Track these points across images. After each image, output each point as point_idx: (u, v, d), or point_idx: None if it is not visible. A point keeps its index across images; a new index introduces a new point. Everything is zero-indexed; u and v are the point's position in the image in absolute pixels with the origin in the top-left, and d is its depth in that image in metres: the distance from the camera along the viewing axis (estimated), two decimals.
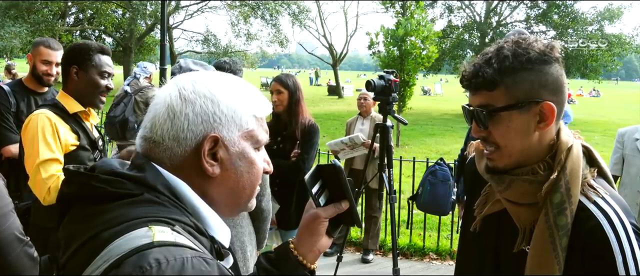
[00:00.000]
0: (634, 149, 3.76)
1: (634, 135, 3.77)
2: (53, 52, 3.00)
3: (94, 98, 2.29)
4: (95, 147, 2.34)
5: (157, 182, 0.82)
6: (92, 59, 2.25)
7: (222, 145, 0.87)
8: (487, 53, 1.18)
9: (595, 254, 1.09)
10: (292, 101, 3.22)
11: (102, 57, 2.28)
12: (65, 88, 2.29)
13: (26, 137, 2.14)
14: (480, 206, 1.32)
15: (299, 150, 3.16)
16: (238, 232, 2.29)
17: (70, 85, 2.27)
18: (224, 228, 0.90)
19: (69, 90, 2.27)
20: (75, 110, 2.26)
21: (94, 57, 2.25)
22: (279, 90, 3.24)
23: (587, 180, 1.17)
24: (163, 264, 0.67)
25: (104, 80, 2.28)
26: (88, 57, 2.24)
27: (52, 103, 2.25)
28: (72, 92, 2.27)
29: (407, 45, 11.32)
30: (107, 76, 2.29)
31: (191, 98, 0.85)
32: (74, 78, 2.25)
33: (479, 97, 1.17)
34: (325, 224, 1.03)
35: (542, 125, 1.15)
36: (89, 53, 2.24)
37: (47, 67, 2.99)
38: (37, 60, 2.99)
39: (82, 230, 0.77)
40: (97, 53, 2.26)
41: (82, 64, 2.24)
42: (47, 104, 2.25)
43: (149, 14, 26.05)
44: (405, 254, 5.13)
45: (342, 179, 1.02)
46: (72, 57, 2.26)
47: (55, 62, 3.00)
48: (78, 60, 2.24)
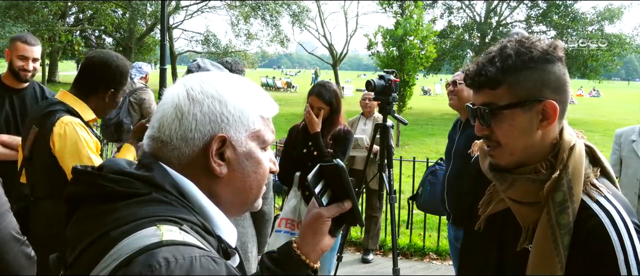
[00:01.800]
0: (631, 151, 3.76)
1: (631, 136, 3.77)
2: (29, 47, 2.95)
3: (107, 113, 2.32)
4: (101, 152, 2.33)
5: (165, 182, 0.82)
6: (126, 83, 2.24)
7: (229, 145, 0.87)
8: (490, 52, 1.19)
9: (597, 253, 1.10)
10: (331, 115, 3.13)
11: (128, 79, 2.27)
12: (83, 97, 2.21)
13: (66, 146, 2.07)
14: (484, 205, 1.33)
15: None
16: (239, 233, 2.30)
17: (96, 101, 2.21)
18: (231, 227, 0.90)
19: (92, 104, 2.21)
20: (89, 119, 2.22)
21: (127, 81, 2.24)
22: (320, 107, 3.10)
23: (590, 179, 1.17)
24: (172, 263, 0.68)
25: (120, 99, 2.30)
26: (126, 81, 2.22)
27: (64, 108, 2.15)
28: (93, 105, 2.22)
29: (406, 45, 11.33)
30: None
31: (199, 98, 0.86)
32: (105, 100, 2.21)
33: (482, 95, 1.18)
34: (328, 223, 1.04)
35: (544, 123, 1.15)
36: (127, 77, 2.22)
37: (24, 63, 2.93)
38: (13, 55, 2.93)
39: (91, 229, 0.77)
40: (128, 75, 2.24)
41: (119, 87, 2.21)
42: (59, 108, 2.15)
43: (149, 14, 26.06)
44: (405, 254, 5.13)
45: (345, 179, 1.03)
46: (113, 78, 2.19)
47: (31, 57, 2.94)
48: (116, 84, 2.19)
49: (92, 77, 2.20)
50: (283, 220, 3.15)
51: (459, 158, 2.92)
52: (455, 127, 3.18)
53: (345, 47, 33.38)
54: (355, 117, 5.18)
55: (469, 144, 1.50)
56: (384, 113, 3.47)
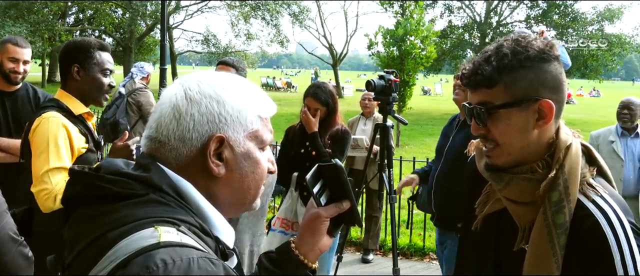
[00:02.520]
0: (610, 152, 3.76)
1: (609, 137, 3.77)
2: (20, 49, 2.94)
3: (98, 96, 2.22)
4: (99, 148, 2.30)
5: (163, 182, 0.82)
6: (93, 56, 2.16)
7: (227, 146, 0.87)
8: (486, 51, 1.19)
9: (593, 253, 1.10)
10: (328, 117, 3.14)
11: (102, 54, 2.19)
12: (65, 88, 2.19)
13: (35, 140, 2.05)
14: (481, 205, 1.33)
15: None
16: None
17: (72, 84, 2.17)
18: (228, 228, 0.90)
19: (71, 89, 2.18)
20: (80, 112, 2.18)
21: (95, 54, 2.16)
22: (317, 109, 3.10)
23: (586, 178, 1.17)
24: (170, 264, 0.68)
25: (106, 77, 2.20)
26: (89, 54, 2.15)
27: (55, 105, 2.14)
28: (74, 91, 2.18)
29: (407, 45, 11.34)
30: (109, 73, 2.22)
31: (197, 98, 0.86)
32: (75, 77, 2.16)
33: (478, 94, 1.18)
34: (327, 223, 1.04)
35: (541, 123, 1.15)
36: (89, 50, 2.16)
37: (14, 65, 2.93)
38: (4, 58, 2.93)
39: (88, 230, 0.77)
40: (97, 50, 2.17)
41: (83, 61, 2.15)
42: (50, 105, 2.15)
43: (149, 14, 26.07)
44: (405, 254, 5.13)
45: (343, 179, 1.03)
46: (71, 55, 2.17)
47: (22, 59, 2.94)
48: (79, 58, 2.15)
49: (60, 64, 2.22)
50: (278, 220, 3.17)
51: (451, 157, 2.84)
52: (451, 123, 3.08)
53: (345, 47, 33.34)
54: (355, 117, 5.18)
55: (465, 144, 1.49)
56: (384, 113, 3.47)
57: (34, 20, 21.02)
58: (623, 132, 4.09)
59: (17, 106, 3.00)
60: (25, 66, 2.98)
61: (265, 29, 28.87)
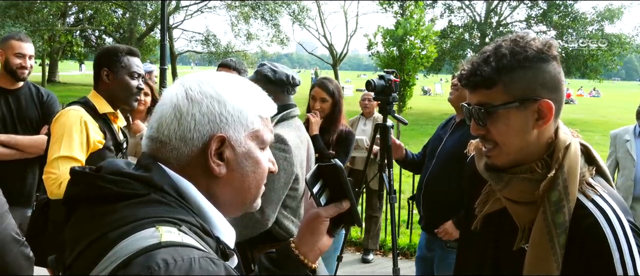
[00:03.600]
0: (625, 151, 3.71)
1: (624, 136, 3.73)
2: (25, 44, 2.97)
3: (127, 98, 2.36)
4: (120, 150, 2.39)
5: (164, 182, 0.82)
6: (121, 61, 2.33)
7: (228, 145, 0.88)
8: (485, 51, 1.19)
9: (592, 252, 1.10)
10: (334, 110, 3.14)
11: (131, 58, 2.35)
12: (96, 89, 2.37)
13: (54, 129, 2.20)
14: (480, 204, 1.33)
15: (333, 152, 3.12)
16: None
17: (102, 86, 2.34)
18: (229, 228, 0.91)
19: (100, 91, 2.35)
20: (104, 111, 2.33)
21: (123, 59, 2.33)
22: (324, 99, 3.11)
23: (585, 178, 1.18)
24: (171, 264, 0.68)
25: (134, 80, 2.35)
26: (117, 58, 2.32)
27: (83, 102, 2.31)
28: (103, 93, 2.35)
29: (407, 45, 11.35)
30: (137, 76, 2.36)
31: (198, 98, 0.86)
32: (104, 80, 2.32)
33: (477, 95, 1.19)
34: (327, 223, 1.04)
35: (540, 123, 1.16)
36: (117, 55, 2.33)
37: (21, 60, 2.95)
38: (9, 54, 2.94)
39: (89, 230, 0.77)
40: (125, 55, 2.34)
41: (112, 65, 2.32)
42: (78, 102, 2.33)
43: (149, 14, 26.07)
44: (405, 254, 5.13)
45: (343, 178, 1.03)
46: (101, 59, 2.35)
47: (28, 54, 2.97)
48: (107, 63, 2.32)
49: (94, 69, 2.39)
50: None
51: (443, 159, 2.74)
52: (446, 124, 2.98)
53: (345, 47, 33.38)
54: (355, 118, 5.18)
55: (458, 147, 1.48)
56: (384, 113, 3.47)
57: (34, 20, 21.01)
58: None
59: (21, 104, 3.01)
60: (30, 61, 3.00)
61: (265, 29, 28.94)
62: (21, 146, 2.89)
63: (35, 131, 3.01)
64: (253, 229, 2.03)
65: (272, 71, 2.22)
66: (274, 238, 2.07)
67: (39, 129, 3.02)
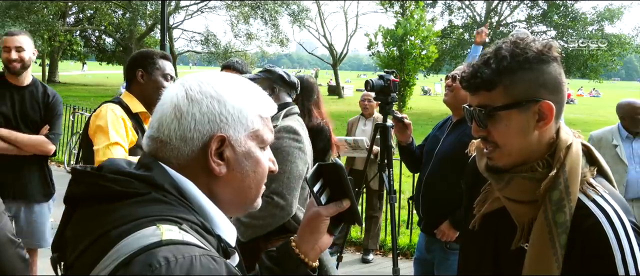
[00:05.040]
0: (614, 156, 3.65)
1: (612, 141, 3.69)
2: (11, 37, 3.00)
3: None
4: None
5: (165, 181, 0.83)
6: (156, 63, 2.44)
7: (228, 145, 0.88)
8: (485, 53, 1.19)
9: (594, 252, 1.10)
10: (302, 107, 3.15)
11: (165, 62, 2.47)
12: (129, 90, 2.46)
13: (96, 122, 2.28)
14: (479, 204, 1.33)
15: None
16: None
17: (136, 87, 2.44)
18: (230, 227, 0.91)
19: (134, 91, 2.44)
20: (137, 110, 2.41)
21: (158, 61, 2.44)
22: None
23: (587, 178, 1.18)
24: (172, 262, 0.68)
25: (167, 82, 2.43)
26: (152, 61, 2.43)
27: (117, 101, 2.40)
28: (136, 93, 2.43)
29: (407, 45, 11.35)
30: (170, 79, 2.46)
31: (198, 98, 0.87)
32: (139, 81, 2.42)
33: (478, 97, 1.19)
34: (327, 222, 1.04)
35: (541, 124, 1.16)
36: (152, 57, 2.44)
37: (7, 54, 2.96)
38: (3, 50, 3.00)
39: (90, 229, 0.78)
40: (160, 58, 2.46)
41: (147, 67, 2.42)
42: (112, 101, 2.41)
43: (149, 14, 26.07)
44: (405, 254, 5.13)
45: (343, 178, 1.03)
46: (137, 61, 2.45)
47: (13, 46, 2.97)
48: (143, 64, 2.42)
49: (127, 71, 2.50)
50: None
51: (440, 160, 2.71)
52: (443, 125, 2.94)
53: (345, 47, 33.38)
54: (355, 118, 5.18)
55: (455, 148, 1.47)
56: (383, 113, 3.48)
57: (34, 20, 21.03)
58: (628, 134, 3.85)
59: (25, 101, 3.04)
60: (19, 53, 2.97)
61: (264, 29, 28.87)
62: (20, 143, 2.93)
63: (36, 130, 3.03)
64: (277, 218, 2.08)
65: (286, 73, 2.40)
66: (287, 230, 2.09)
67: (39, 129, 3.04)
